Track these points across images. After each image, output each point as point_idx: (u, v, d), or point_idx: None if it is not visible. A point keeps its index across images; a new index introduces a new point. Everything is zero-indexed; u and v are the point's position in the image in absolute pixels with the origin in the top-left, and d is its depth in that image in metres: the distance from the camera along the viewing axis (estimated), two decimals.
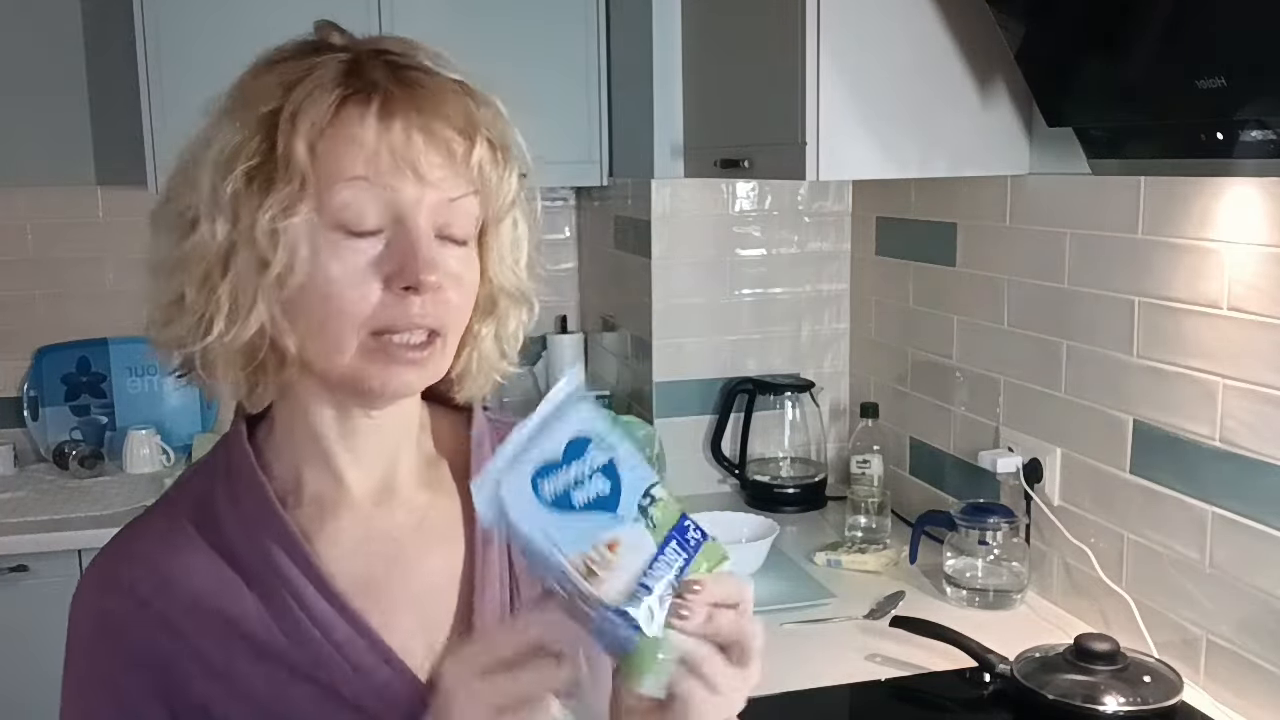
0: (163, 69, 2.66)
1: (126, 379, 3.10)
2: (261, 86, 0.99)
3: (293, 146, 0.87)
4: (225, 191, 0.87)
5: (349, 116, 0.89)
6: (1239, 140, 1.37)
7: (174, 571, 0.89)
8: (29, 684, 2.54)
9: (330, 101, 0.90)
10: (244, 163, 0.89)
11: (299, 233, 0.85)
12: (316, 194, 0.86)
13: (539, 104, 2.95)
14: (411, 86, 0.93)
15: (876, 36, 1.92)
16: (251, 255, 0.85)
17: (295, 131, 0.88)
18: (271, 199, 0.85)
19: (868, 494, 2.40)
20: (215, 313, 0.86)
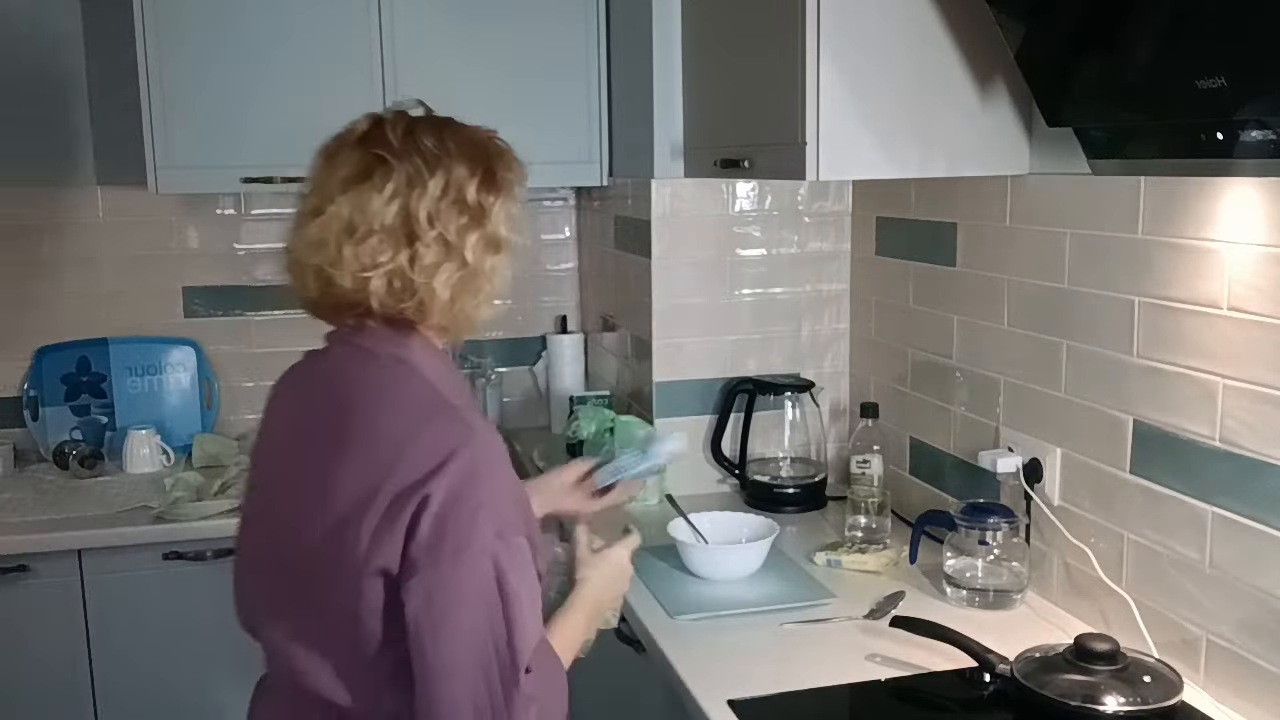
0: (163, 69, 2.67)
1: (126, 379, 3.10)
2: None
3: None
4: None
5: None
6: (1239, 140, 1.37)
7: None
8: (29, 684, 2.55)
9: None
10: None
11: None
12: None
13: (539, 104, 2.97)
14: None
15: (876, 36, 1.92)
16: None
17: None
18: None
19: (868, 494, 2.39)
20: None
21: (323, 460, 1.34)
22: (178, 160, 2.71)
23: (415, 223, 1.35)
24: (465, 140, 1.43)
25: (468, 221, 1.38)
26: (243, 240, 3.17)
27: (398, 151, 1.36)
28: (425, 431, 1.31)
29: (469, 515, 1.27)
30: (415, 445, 1.30)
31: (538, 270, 3.36)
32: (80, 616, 2.54)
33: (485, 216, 1.40)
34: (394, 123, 1.40)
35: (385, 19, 2.77)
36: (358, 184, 1.34)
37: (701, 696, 1.67)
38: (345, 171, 1.36)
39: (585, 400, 2.94)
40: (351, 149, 1.38)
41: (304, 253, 1.38)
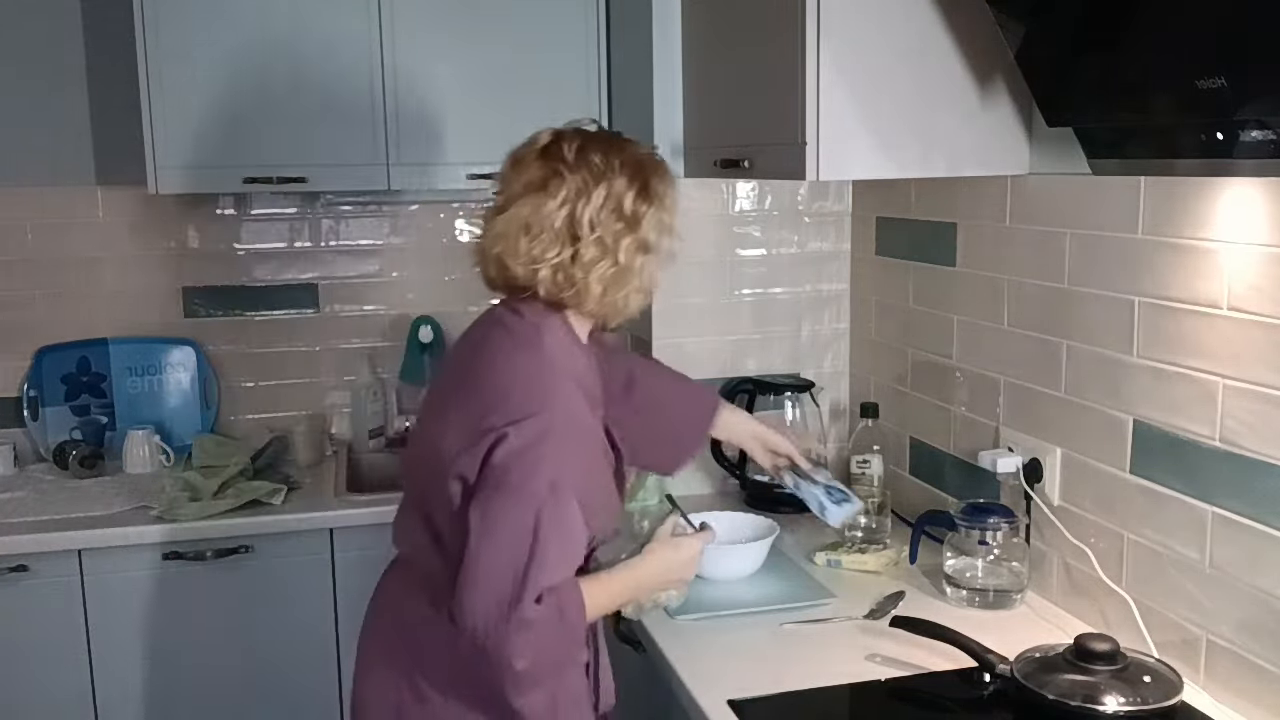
0: (163, 69, 2.67)
1: (126, 379, 3.10)
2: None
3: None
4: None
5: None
6: (1239, 140, 1.37)
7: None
8: (29, 683, 2.55)
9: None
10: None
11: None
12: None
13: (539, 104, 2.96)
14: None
15: (877, 36, 1.92)
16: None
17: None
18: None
19: (868, 494, 2.39)
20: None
21: (450, 390, 1.69)
22: (178, 160, 2.71)
23: (579, 226, 1.63)
24: (628, 157, 1.69)
25: (623, 227, 1.65)
26: (243, 240, 3.17)
27: (571, 165, 1.64)
28: (520, 389, 1.61)
29: (532, 463, 1.55)
30: (510, 398, 1.59)
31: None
32: (80, 616, 2.54)
33: (638, 223, 1.66)
34: (570, 139, 1.68)
35: (385, 19, 2.77)
36: (536, 191, 1.64)
37: (701, 696, 1.68)
38: (527, 178, 1.65)
39: None
40: (534, 159, 1.67)
41: (490, 242, 1.68)
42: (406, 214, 3.26)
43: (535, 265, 1.64)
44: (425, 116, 2.84)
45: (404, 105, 2.81)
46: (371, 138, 2.81)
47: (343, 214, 3.23)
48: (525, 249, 1.64)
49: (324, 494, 2.77)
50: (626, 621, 2.03)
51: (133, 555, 2.55)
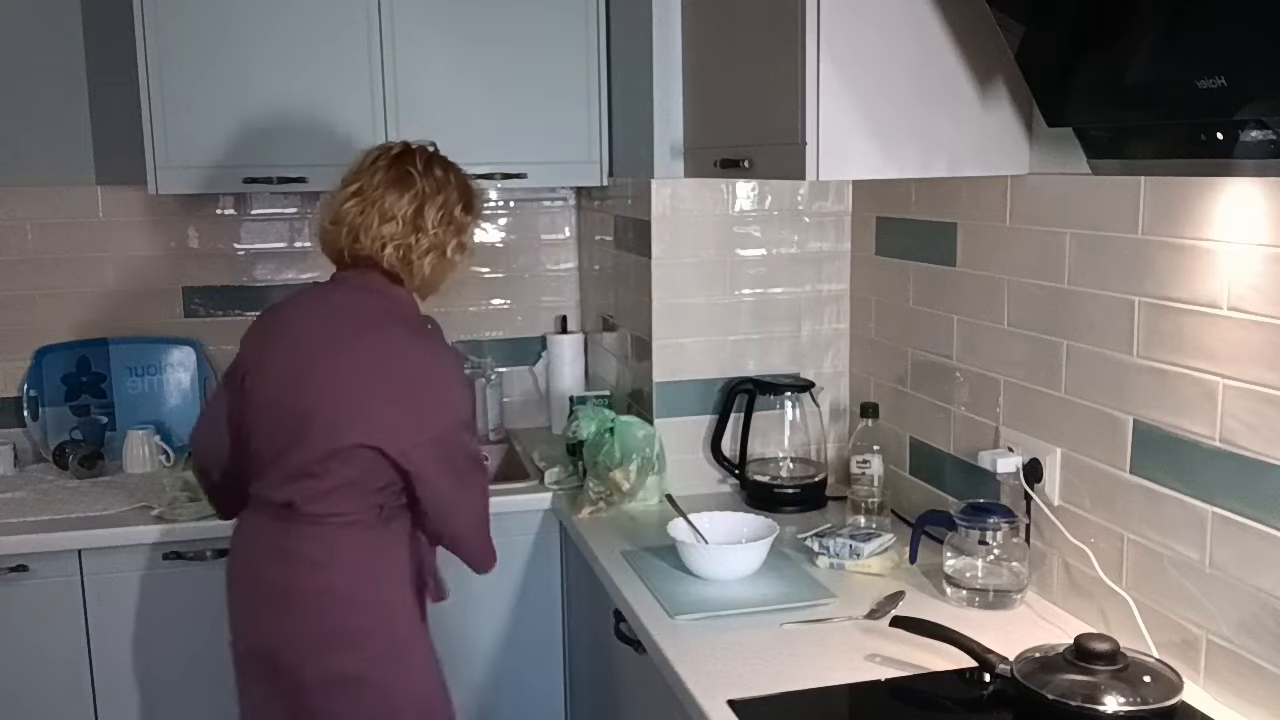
0: (163, 69, 2.67)
1: (126, 379, 3.10)
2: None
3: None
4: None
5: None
6: (1239, 140, 1.37)
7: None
8: (29, 683, 2.55)
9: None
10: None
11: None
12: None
13: (539, 104, 2.97)
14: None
15: (876, 36, 1.92)
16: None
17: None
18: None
19: (868, 494, 2.40)
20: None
21: (333, 353, 2.04)
22: (178, 160, 2.72)
23: (422, 219, 2.10)
24: (460, 177, 2.19)
25: (452, 230, 2.14)
26: (243, 240, 3.17)
27: (421, 172, 2.12)
28: (448, 390, 2.10)
29: (473, 446, 2.17)
30: (449, 403, 2.08)
31: (538, 270, 3.37)
32: (80, 616, 2.54)
33: (462, 230, 2.17)
34: (420, 152, 2.16)
35: (385, 19, 2.78)
36: (394, 185, 2.09)
37: (701, 696, 1.67)
38: (384, 174, 2.10)
39: (585, 400, 2.94)
40: (391, 159, 2.13)
41: (346, 215, 2.09)
42: None
43: (384, 243, 2.08)
44: (425, 117, 2.83)
45: (404, 106, 2.81)
46: (372, 138, 2.81)
47: None
48: (377, 229, 2.08)
49: None
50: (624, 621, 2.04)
51: (133, 555, 2.55)
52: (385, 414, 2.00)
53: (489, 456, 2.19)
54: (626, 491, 2.51)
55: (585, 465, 2.62)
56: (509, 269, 3.34)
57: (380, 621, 2.07)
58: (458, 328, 3.30)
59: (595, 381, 3.23)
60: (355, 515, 2.03)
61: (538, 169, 2.93)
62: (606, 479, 2.52)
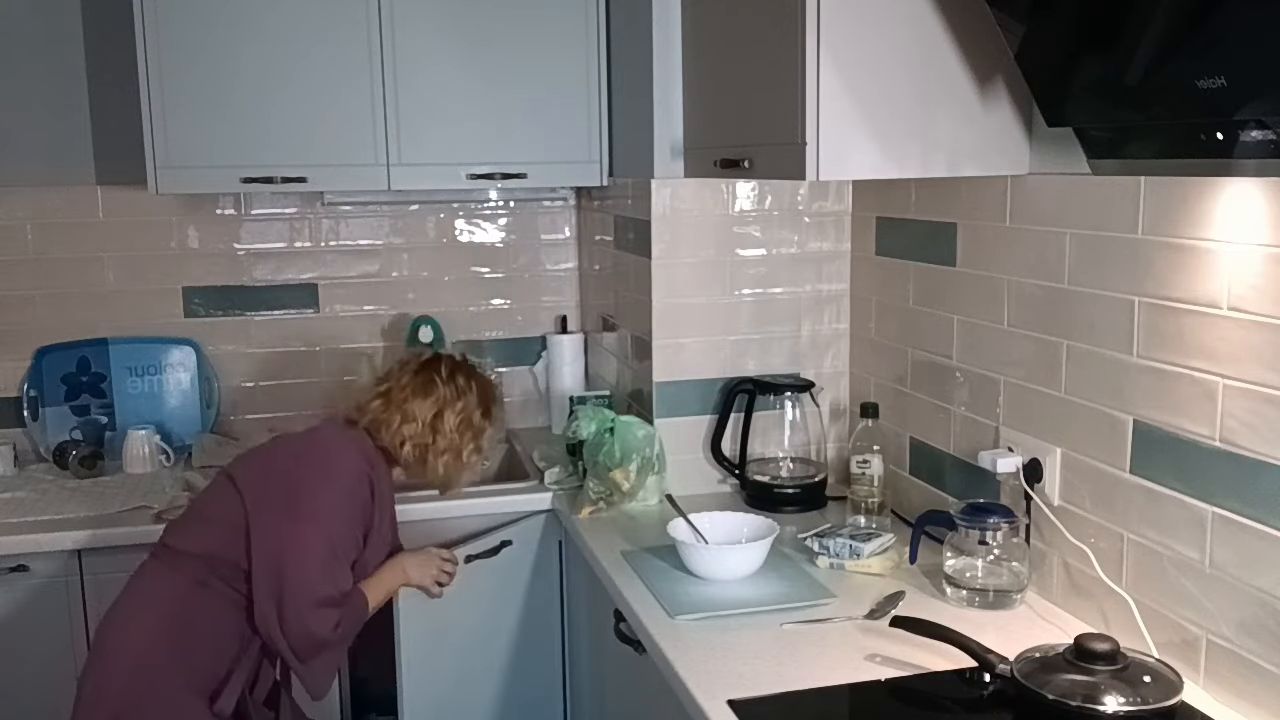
0: (163, 69, 2.67)
1: (126, 379, 3.10)
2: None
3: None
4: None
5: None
6: (1239, 140, 1.37)
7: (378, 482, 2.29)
8: (29, 683, 2.55)
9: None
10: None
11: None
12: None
13: (539, 104, 2.97)
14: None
15: (876, 37, 1.92)
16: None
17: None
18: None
19: (868, 494, 2.40)
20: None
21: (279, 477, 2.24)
22: (178, 160, 2.72)
23: (441, 423, 2.33)
24: (482, 383, 2.41)
25: (470, 434, 2.36)
26: (243, 240, 3.17)
27: (445, 379, 2.35)
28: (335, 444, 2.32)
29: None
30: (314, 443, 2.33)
31: (538, 270, 3.37)
32: (80, 616, 2.54)
33: (480, 434, 2.38)
34: (447, 360, 2.41)
35: (385, 19, 2.78)
36: (419, 390, 2.33)
37: (701, 696, 1.68)
38: (411, 379, 2.35)
39: (585, 400, 2.94)
40: (419, 364, 2.39)
41: (373, 410, 2.33)
42: (406, 214, 3.26)
43: (403, 440, 2.30)
44: (425, 117, 2.84)
45: (404, 106, 2.82)
46: (371, 138, 2.81)
47: (343, 214, 3.23)
48: (398, 428, 2.30)
49: None
50: (624, 621, 2.04)
51: (133, 555, 2.54)
52: (261, 456, 2.27)
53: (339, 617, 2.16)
54: (626, 491, 2.51)
55: (585, 465, 2.62)
56: (509, 269, 3.35)
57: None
58: (458, 328, 3.30)
59: (595, 381, 3.23)
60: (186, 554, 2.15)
61: (538, 169, 2.93)
62: (606, 479, 2.52)
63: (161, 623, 2.09)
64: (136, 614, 2.12)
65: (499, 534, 2.65)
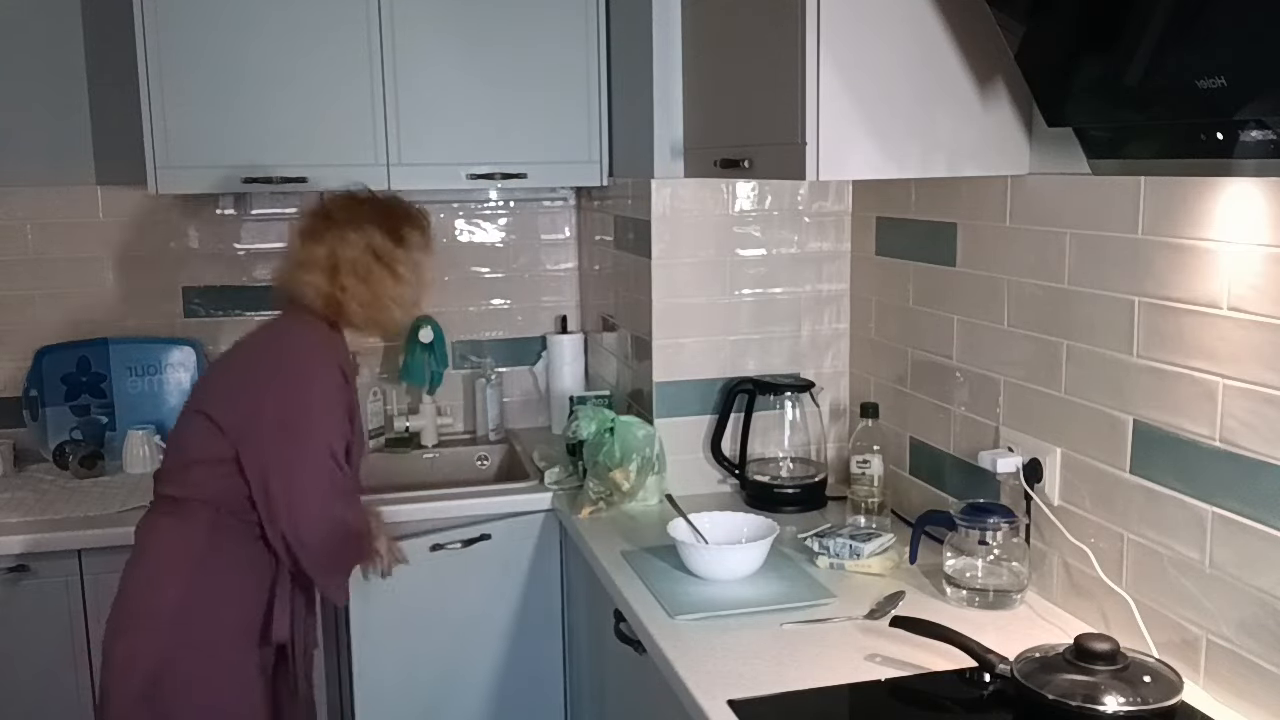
0: (163, 69, 2.67)
1: (126, 379, 3.10)
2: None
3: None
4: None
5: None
6: (1239, 140, 1.37)
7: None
8: (29, 684, 2.55)
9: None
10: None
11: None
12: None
13: (540, 104, 2.97)
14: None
15: (876, 37, 1.92)
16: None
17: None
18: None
19: (868, 494, 2.40)
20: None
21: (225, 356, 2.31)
22: (178, 160, 2.72)
23: (339, 261, 2.19)
24: (381, 205, 2.26)
25: (379, 265, 2.21)
26: (243, 240, 3.17)
27: (327, 216, 2.24)
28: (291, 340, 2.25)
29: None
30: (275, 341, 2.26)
31: (538, 270, 3.37)
32: (80, 616, 2.54)
33: (393, 262, 2.22)
34: (332, 200, 2.27)
35: (385, 19, 2.78)
36: (310, 237, 2.22)
37: (701, 696, 1.67)
38: (299, 232, 2.25)
39: (585, 400, 2.94)
40: (309, 214, 2.28)
41: (292, 284, 2.24)
42: None
43: (322, 299, 2.19)
44: (425, 117, 2.84)
45: (404, 106, 2.82)
46: (371, 138, 2.81)
47: None
48: (302, 278, 2.20)
49: None
50: (624, 621, 2.04)
51: None
52: (223, 383, 2.20)
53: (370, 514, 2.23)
54: (626, 491, 2.51)
55: (585, 465, 2.62)
56: (509, 269, 3.34)
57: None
58: (458, 328, 3.30)
59: (595, 381, 3.23)
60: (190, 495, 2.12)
61: (538, 169, 2.93)
62: (606, 479, 2.52)
63: (185, 574, 2.06)
64: (158, 571, 2.09)
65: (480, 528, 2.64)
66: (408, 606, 2.54)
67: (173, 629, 2.04)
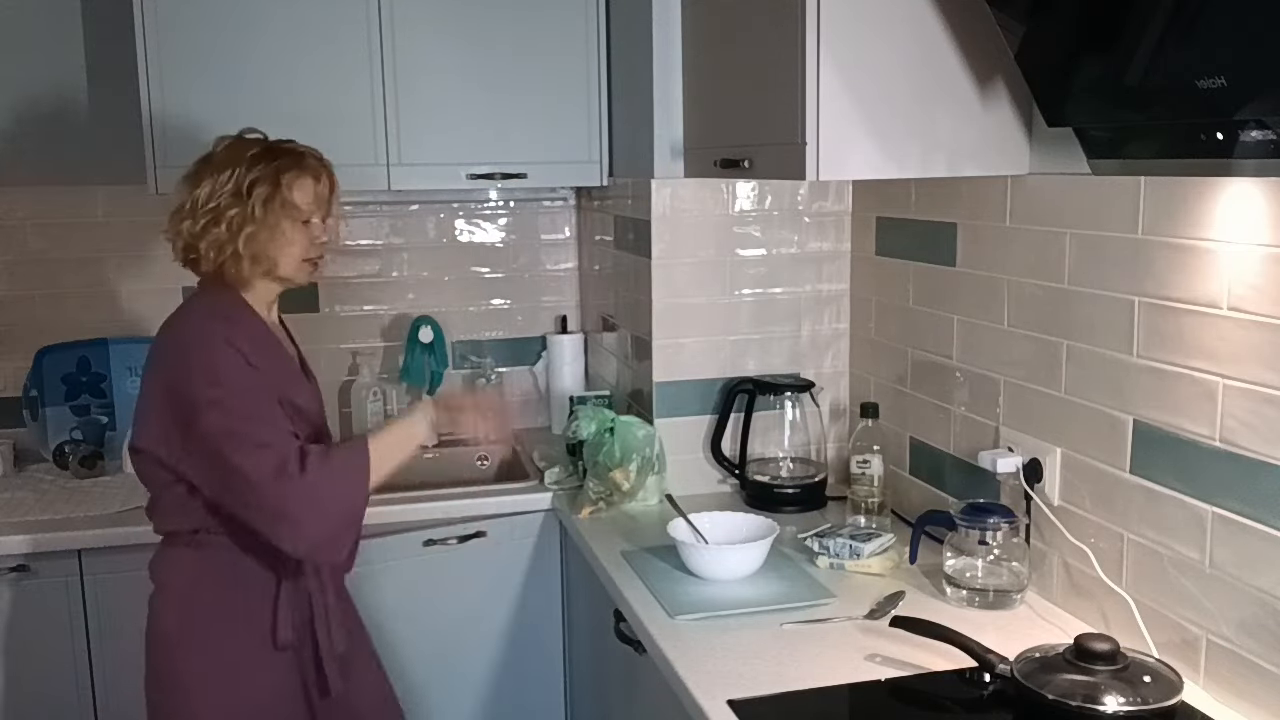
0: (163, 69, 2.67)
1: (126, 379, 3.09)
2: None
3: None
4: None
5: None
6: (1239, 140, 1.37)
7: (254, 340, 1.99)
8: (29, 684, 2.55)
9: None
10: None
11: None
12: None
13: (540, 104, 2.97)
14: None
15: (876, 37, 1.92)
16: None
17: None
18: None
19: (868, 494, 2.40)
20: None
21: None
22: (178, 160, 2.69)
23: (197, 204, 2.00)
24: (266, 148, 2.07)
25: (233, 201, 1.99)
26: None
27: (198, 164, 2.07)
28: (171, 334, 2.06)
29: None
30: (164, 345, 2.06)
31: (538, 270, 3.37)
32: (80, 616, 2.54)
33: (245, 198, 1.99)
34: (219, 142, 2.10)
35: (385, 19, 2.78)
36: (187, 180, 2.05)
37: (701, 696, 1.68)
38: (185, 173, 2.08)
39: (585, 400, 2.94)
40: (195, 163, 2.10)
41: (177, 247, 2.08)
42: (406, 214, 3.26)
43: (176, 242, 2.04)
44: (425, 117, 2.84)
45: (404, 106, 2.81)
46: (371, 138, 2.81)
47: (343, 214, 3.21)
48: (172, 229, 2.04)
49: None
50: (624, 621, 2.03)
51: (133, 555, 2.54)
52: (139, 409, 2.01)
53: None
54: (626, 491, 2.51)
55: (585, 465, 2.62)
56: (509, 269, 3.34)
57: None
58: (458, 328, 3.30)
59: (595, 381, 3.23)
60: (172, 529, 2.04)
61: (538, 169, 2.93)
62: (606, 479, 2.52)
63: (183, 610, 2.02)
64: (160, 605, 2.05)
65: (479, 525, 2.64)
66: (404, 604, 2.54)
67: (185, 654, 2.01)
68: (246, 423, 1.89)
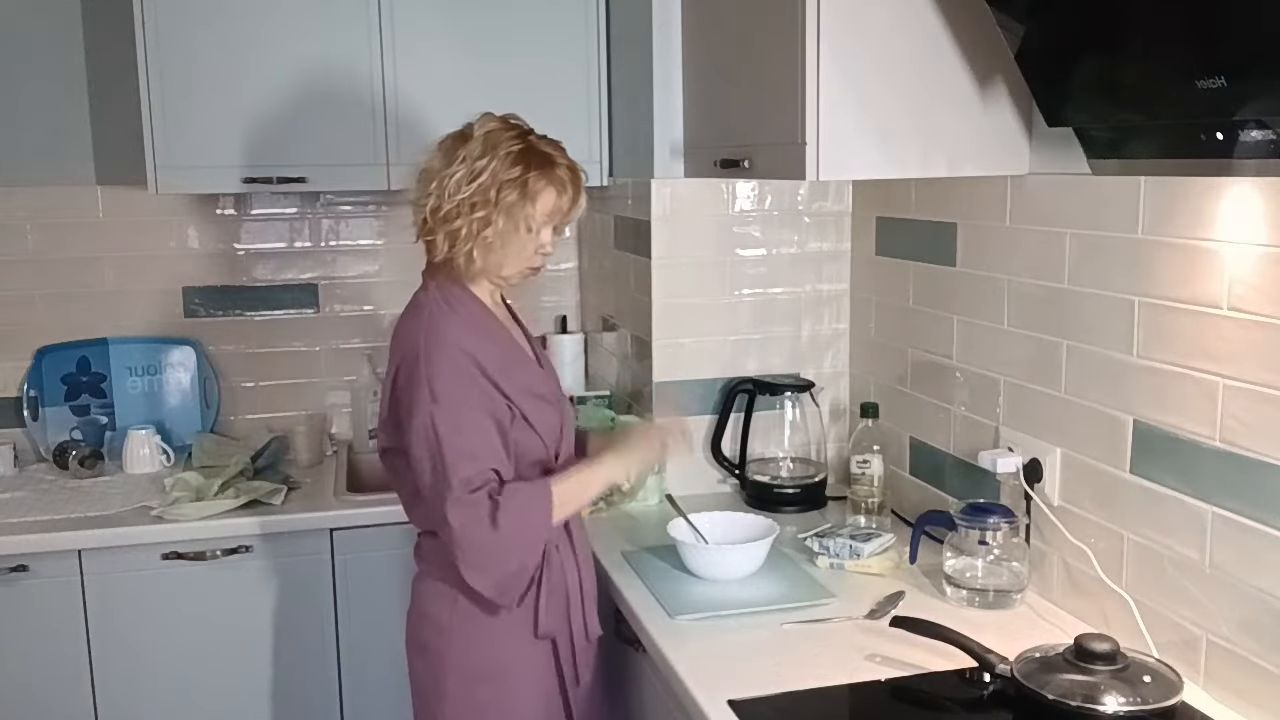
0: (163, 69, 2.67)
1: (126, 379, 3.10)
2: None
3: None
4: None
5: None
6: (1239, 140, 1.37)
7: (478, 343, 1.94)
8: (30, 684, 2.55)
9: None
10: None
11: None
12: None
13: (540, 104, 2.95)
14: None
15: (877, 37, 1.92)
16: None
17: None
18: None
19: (868, 494, 2.40)
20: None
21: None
22: (178, 160, 2.71)
23: (447, 179, 1.92)
24: (527, 148, 1.95)
25: (481, 202, 1.91)
26: (243, 240, 3.17)
27: (467, 138, 1.95)
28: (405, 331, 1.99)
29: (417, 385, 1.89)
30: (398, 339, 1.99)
31: None
32: (80, 616, 2.54)
33: (487, 193, 1.91)
34: (484, 122, 1.97)
35: (385, 19, 2.78)
36: (442, 150, 1.97)
37: (701, 696, 1.67)
38: (441, 141, 1.99)
39: (585, 400, 2.94)
40: (451, 136, 1.99)
41: (425, 237, 2.02)
42: (406, 214, 3.24)
43: (420, 214, 1.97)
44: (425, 117, 2.83)
45: (404, 105, 2.82)
46: (371, 138, 2.81)
47: (343, 214, 3.23)
48: (419, 198, 1.97)
49: (324, 494, 2.77)
50: (624, 621, 2.03)
51: (133, 555, 2.55)
52: (385, 411, 1.99)
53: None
54: (626, 491, 2.51)
55: None
56: None
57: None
58: None
59: (595, 381, 3.23)
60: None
61: None
62: None
63: (451, 601, 1.95)
64: (424, 607, 2.01)
65: None
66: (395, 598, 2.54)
67: (451, 650, 1.97)
68: (455, 434, 1.84)
